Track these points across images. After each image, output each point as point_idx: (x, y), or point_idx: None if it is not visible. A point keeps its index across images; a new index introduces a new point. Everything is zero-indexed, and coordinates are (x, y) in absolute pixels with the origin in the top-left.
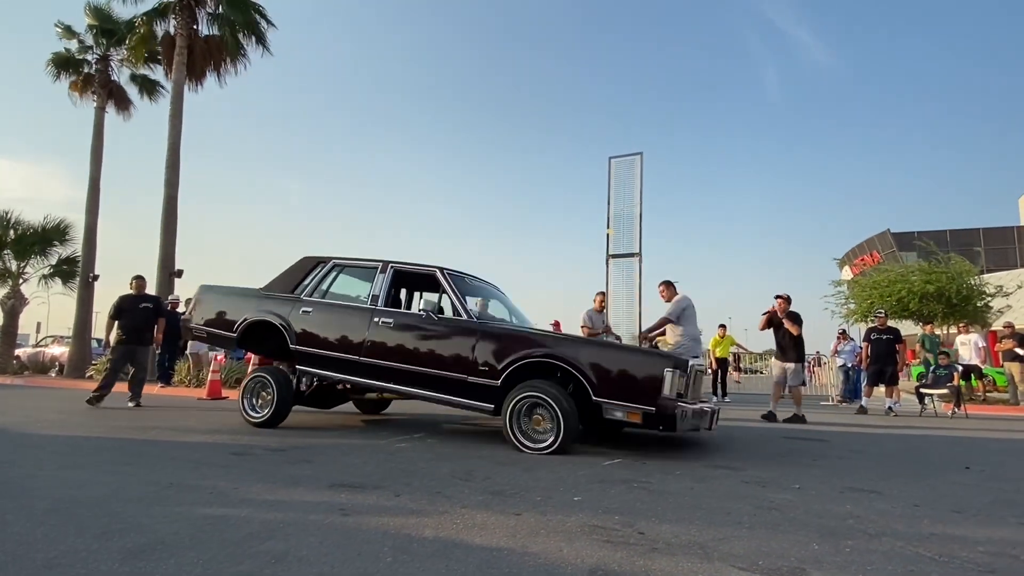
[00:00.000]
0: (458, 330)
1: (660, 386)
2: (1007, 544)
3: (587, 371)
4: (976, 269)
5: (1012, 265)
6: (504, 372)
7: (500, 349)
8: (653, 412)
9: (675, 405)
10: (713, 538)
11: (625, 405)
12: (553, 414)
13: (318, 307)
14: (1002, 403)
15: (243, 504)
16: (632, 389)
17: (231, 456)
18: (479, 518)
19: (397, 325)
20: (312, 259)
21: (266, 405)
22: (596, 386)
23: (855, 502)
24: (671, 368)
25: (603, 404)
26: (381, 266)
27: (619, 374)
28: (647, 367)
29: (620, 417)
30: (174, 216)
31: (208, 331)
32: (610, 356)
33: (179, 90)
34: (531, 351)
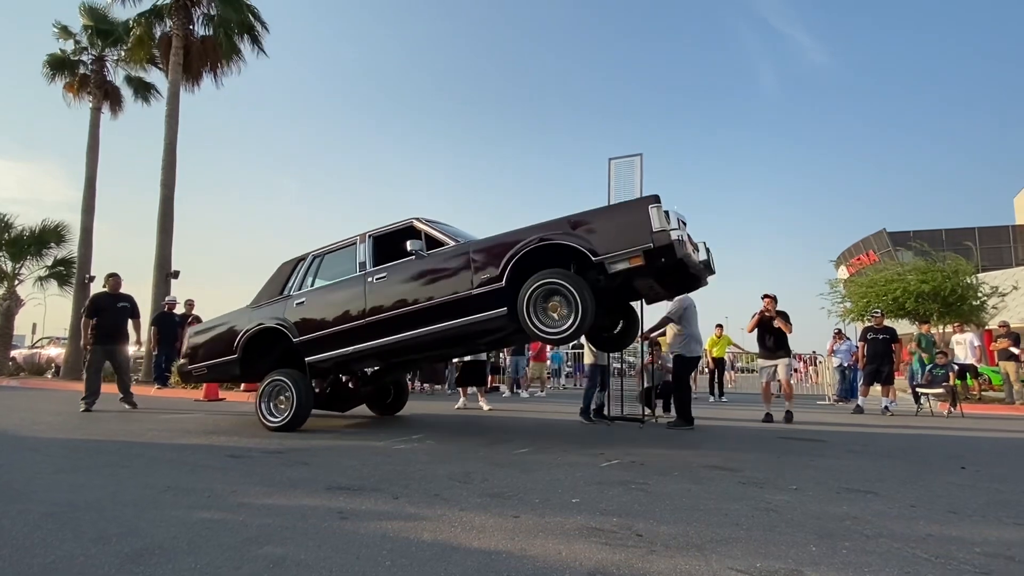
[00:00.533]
0: (450, 254)
1: (649, 223)
2: (1003, 545)
3: (582, 239)
4: (972, 268)
5: (1007, 264)
6: (506, 270)
7: (495, 253)
8: (651, 247)
9: (667, 234)
10: (711, 540)
11: (622, 252)
12: (570, 296)
13: (310, 295)
14: (998, 402)
15: (240, 508)
16: (624, 235)
17: (228, 459)
18: (477, 521)
19: (392, 275)
20: (289, 262)
21: (285, 409)
22: (593, 248)
23: (852, 503)
24: (654, 204)
25: (604, 260)
26: (359, 238)
27: (608, 228)
28: (633, 213)
29: (625, 267)
30: (170, 216)
31: (209, 365)
32: (602, 217)
33: (175, 91)
34: (524, 241)
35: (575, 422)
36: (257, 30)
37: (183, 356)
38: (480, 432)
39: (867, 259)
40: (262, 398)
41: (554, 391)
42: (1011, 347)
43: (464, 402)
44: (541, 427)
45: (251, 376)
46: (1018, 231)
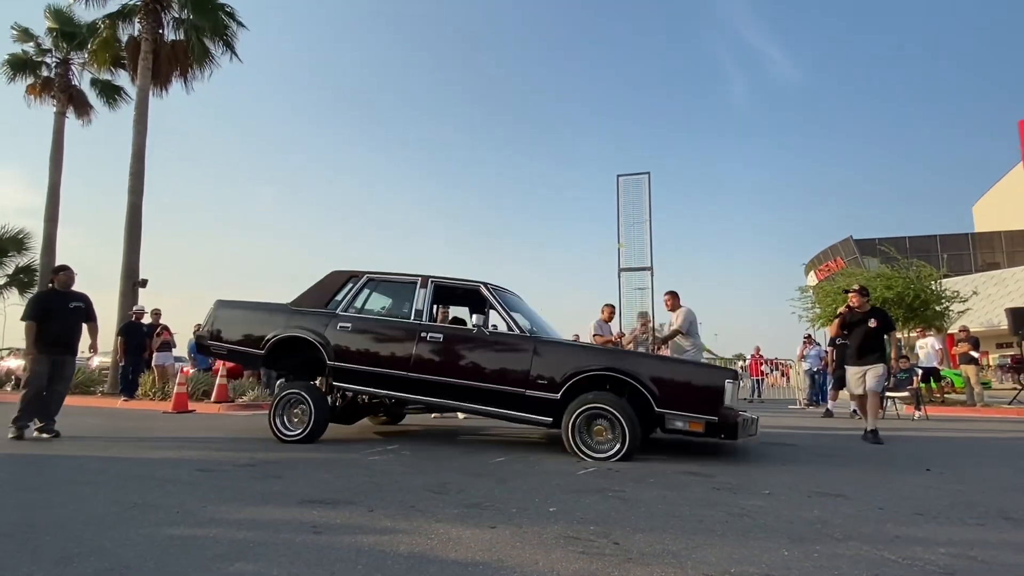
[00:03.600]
0: (513, 344)
1: (721, 396)
2: (966, 545)
3: (649, 383)
4: (939, 273)
5: (967, 271)
6: (564, 385)
7: (559, 362)
8: (716, 421)
9: (736, 414)
10: (686, 547)
11: (687, 415)
12: (616, 423)
13: (358, 322)
14: (960, 404)
15: (211, 523)
16: (693, 400)
17: (198, 473)
18: (454, 532)
19: (448, 341)
20: (343, 273)
21: (300, 423)
22: (659, 398)
23: (823, 506)
24: (731, 380)
25: (665, 415)
26: (421, 280)
27: (680, 386)
28: (708, 379)
29: (681, 427)
30: (138, 224)
31: (229, 348)
32: (671, 368)
33: (144, 96)
34: (592, 364)
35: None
36: (230, 34)
37: (204, 326)
38: (456, 441)
39: (835, 265)
40: (276, 410)
41: None
42: (971, 351)
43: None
44: (518, 435)
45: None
46: (977, 239)
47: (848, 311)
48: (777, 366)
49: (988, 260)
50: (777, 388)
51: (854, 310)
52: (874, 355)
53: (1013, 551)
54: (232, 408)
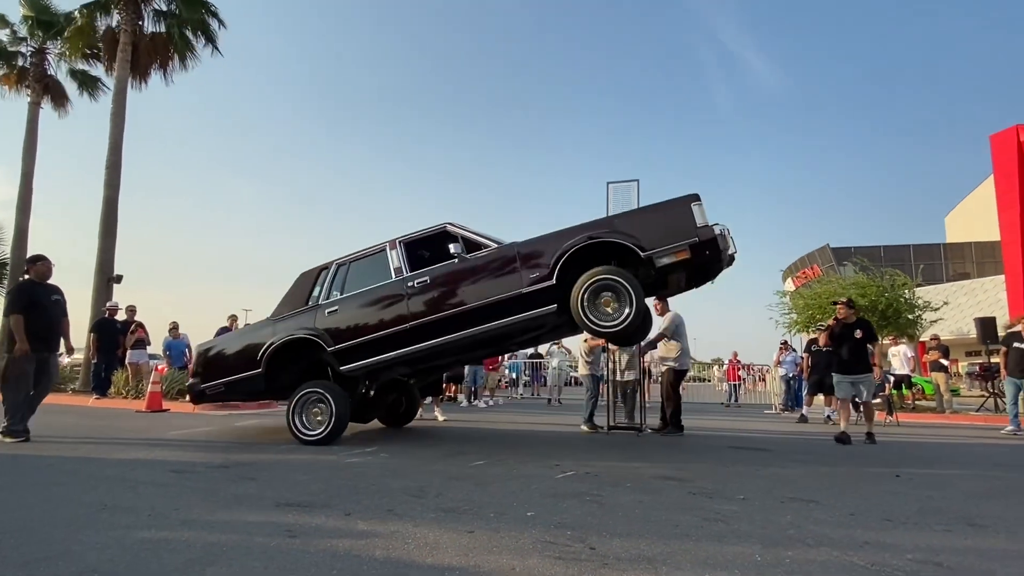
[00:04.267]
0: (496, 255)
1: (692, 219)
2: (932, 551)
3: (630, 236)
4: (913, 283)
5: (939, 280)
6: (556, 268)
7: (543, 251)
8: (697, 240)
9: (711, 228)
10: (661, 552)
11: (670, 247)
12: (622, 290)
13: (343, 302)
14: (930, 411)
15: (183, 526)
16: (670, 231)
17: (171, 474)
18: (431, 537)
19: (434, 279)
20: (311, 271)
21: (322, 421)
22: (641, 244)
23: (796, 512)
24: (696, 202)
25: (653, 256)
26: (389, 244)
27: (654, 225)
28: (676, 210)
29: (669, 261)
30: (114, 218)
31: (227, 382)
32: (646, 216)
33: (122, 87)
34: (575, 239)
35: (530, 432)
36: (213, 28)
37: (192, 375)
38: (435, 444)
39: (812, 272)
40: (295, 410)
41: (512, 401)
42: (941, 359)
43: (420, 412)
44: (497, 438)
45: (274, 391)
46: (949, 249)
47: (836, 322)
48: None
49: (959, 270)
50: (754, 393)
51: (841, 321)
52: (863, 364)
53: (977, 557)
54: (208, 408)
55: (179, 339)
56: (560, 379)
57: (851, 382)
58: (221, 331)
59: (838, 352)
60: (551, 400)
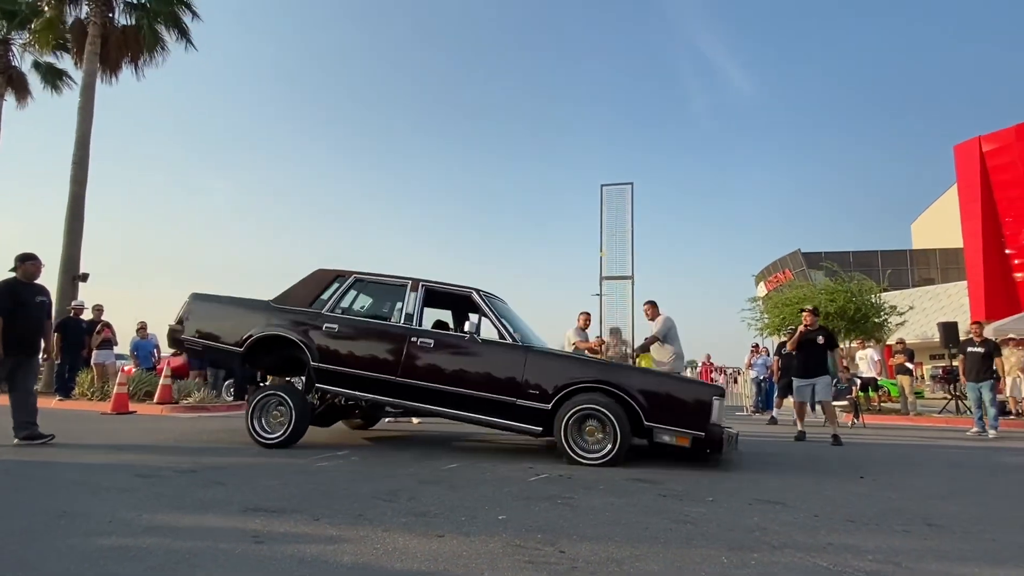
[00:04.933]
0: (505, 353)
1: (709, 412)
2: (892, 552)
3: (638, 396)
4: (879, 288)
5: (905, 285)
6: (556, 396)
7: (550, 372)
8: (703, 436)
9: (722, 430)
10: (630, 555)
11: (675, 430)
12: (608, 423)
13: (346, 324)
14: (895, 413)
15: (147, 533)
16: (681, 415)
17: (135, 478)
18: (401, 542)
19: (438, 346)
20: (329, 272)
21: (281, 424)
22: (648, 411)
23: (762, 514)
24: (718, 396)
25: (654, 428)
26: (411, 284)
27: (669, 400)
28: (695, 394)
29: (668, 440)
30: (80, 215)
31: (205, 344)
32: (660, 383)
33: (90, 81)
34: (584, 375)
35: (503, 435)
36: (186, 22)
37: (177, 320)
38: (409, 447)
39: (784, 277)
40: (253, 413)
41: None
42: (906, 362)
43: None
44: (472, 441)
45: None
46: (915, 255)
47: (805, 329)
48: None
49: (924, 276)
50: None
51: (807, 328)
52: (821, 368)
53: (934, 558)
54: (176, 410)
55: (147, 339)
56: None
57: (807, 385)
58: None
59: (799, 357)
60: None
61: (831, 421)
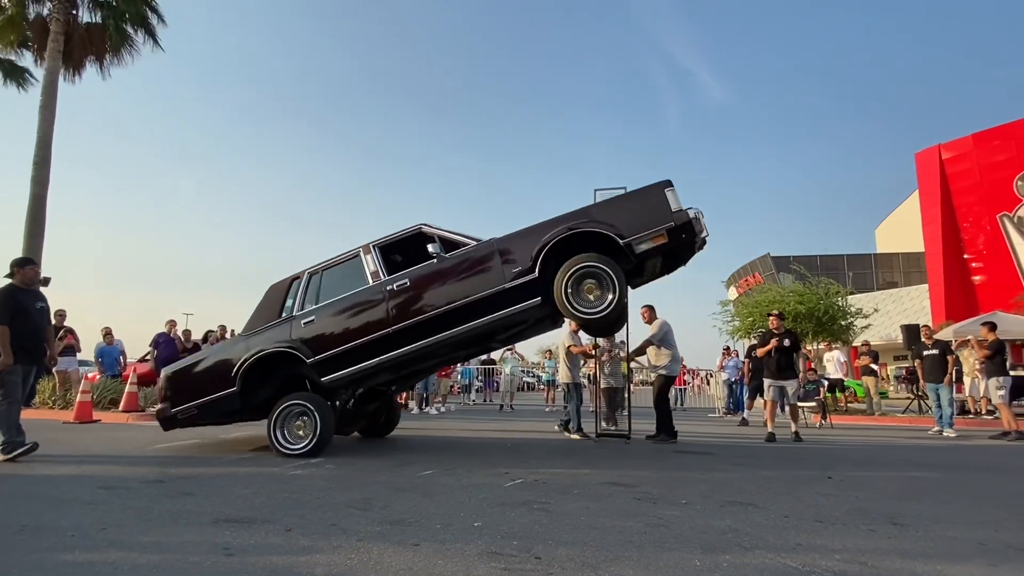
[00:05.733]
0: (474, 252)
1: (666, 201)
2: (859, 552)
3: (608, 225)
4: (845, 291)
5: (870, 288)
6: (537, 261)
7: (524, 246)
8: (673, 225)
9: (685, 212)
10: (605, 559)
11: (648, 232)
12: (604, 276)
13: (319, 311)
14: (861, 413)
15: (111, 547)
16: (647, 217)
17: (100, 491)
18: (375, 552)
19: (414, 280)
20: (282, 282)
21: (306, 434)
22: (619, 232)
23: (734, 516)
24: (669, 187)
25: (631, 242)
26: (363, 249)
27: (630, 213)
28: (651, 197)
29: (649, 247)
30: (42, 218)
31: (200, 404)
32: (623, 204)
33: (52, 80)
34: (556, 231)
35: (481, 440)
36: (152, 22)
37: (160, 400)
38: (383, 454)
39: (754, 280)
40: (276, 424)
41: (464, 407)
42: (871, 363)
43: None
44: (447, 446)
45: (251, 410)
46: (879, 259)
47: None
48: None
49: (888, 279)
50: (698, 396)
51: (773, 332)
52: (790, 370)
53: (898, 556)
54: (143, 418)
55: (112, 345)
56: (512, 385)
57: (779, 387)
58: (159, 336)
59: (768, 359)
60: (503, 406)
61: (794, 420)
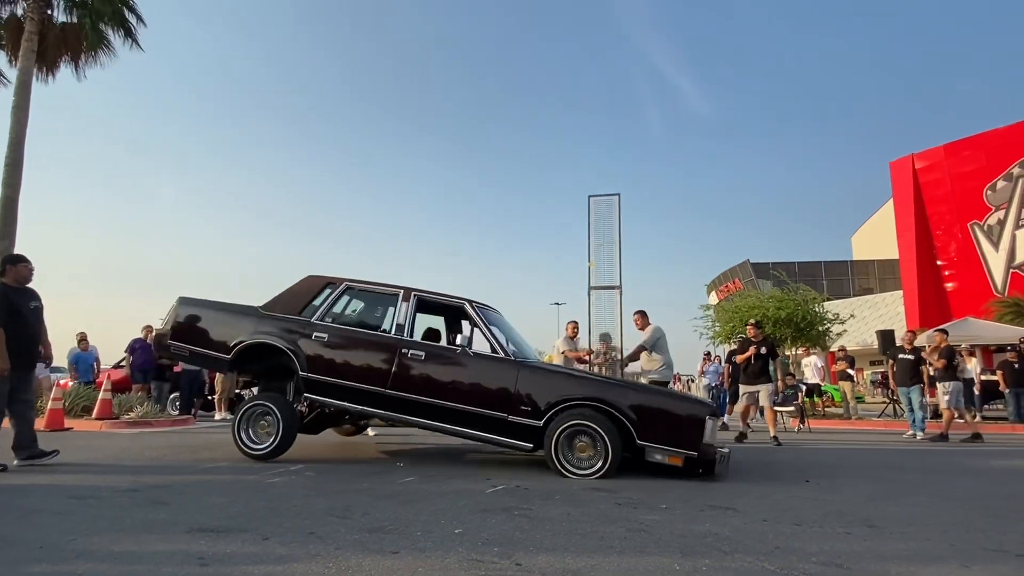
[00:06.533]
0: (497, 367)
1: (702, 432)
2: (835, 554)
3: (631, 415)
4: (823, 297)
5: (846, 295)
6: (548, 412)
7: (543, 388)
8: (695, 456)
9: (715, 451)
10: (586, 565)
11: (667, 449)
12: (598, 439)
13: (335, 334)
14: (838, 417)
15: (81, 558)
16: (675, 434)
17: (70, 500)
18: (354, 560)
19: (429, 359)
20: (320, 279)
21: (269, 434)
22: (640, 430)
23: (713, 520)
24: (711, 416)
25: (646, 447)
26: (403, 293)
27: (662, 419)
28: (690, 412)
29: (660, 460)
30: (13, 220)
31: (192, 349)
32: (654, 400)
33: (25, 79)
34: (577, 392)
35: (463, 446)
36: (131, 22)
37: (164, 324)
38: (364, 461)
39: (734, 286)
40: (241, 423)
41: None
42: (848, 369)
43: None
44: (429, 453)
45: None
46: (855, 266)
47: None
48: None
49: (864, 286)
50: None
51: (751, 339)
52: (764, 376)
53: (873, 558)
54: (116, 426)
55: (87, 351)
56: None
57: (751, 392)
58: (134, 342)
59: (746, 366)
60: None
61: (771, 425)
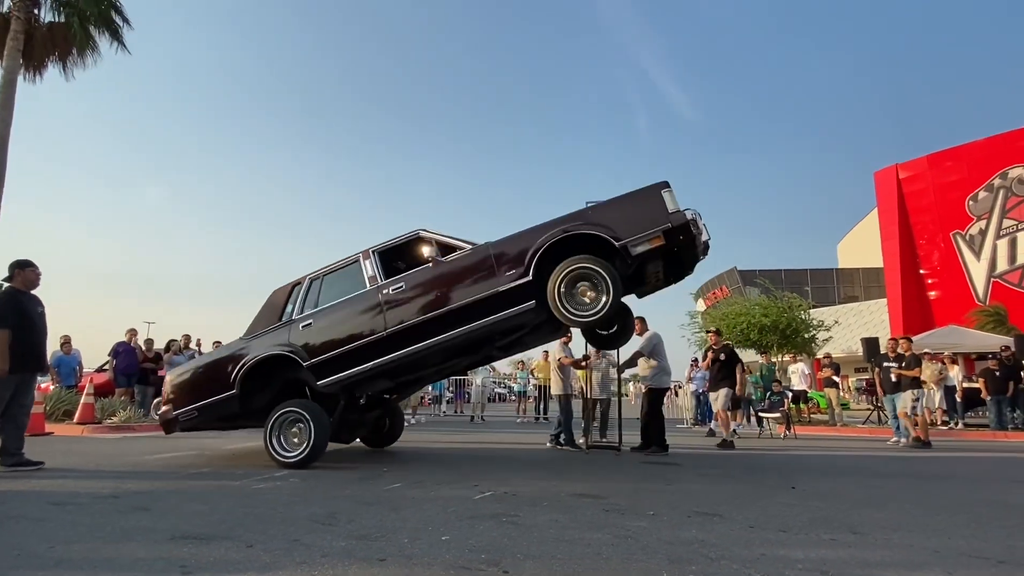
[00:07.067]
0: (470, 256)
1: (663, 205)
2: (821, 561)
3: (603, 227)
4: (808, 304)
5: (832, 302)
6: (531, 264)
7: (518, 249)
8: (671, 226)
9: (682, 213)
10: (573, 572)
11: (645, 234)
12: (598, 278)
13: (317, 315)
14: (823, 424)
15: (58, 567)
16: (643, 219)
17: (49, 507)
18: (339, 568)
19: (410, 284)
20: (282, 288)
21: (300, 442)
22: (615, 234)
23: (700, 526)
24: (666, 188)
25: (627, 244)
26: (363, 255)
27: (626, 214)
28: (647, 198)
29: (646, 248)
30: None
31: (200, 407)
32: (618, 206)
33: (11, 79)
34: (550, 234)
35: (451, 451)
36: (117, 23)
37: (164, 402)
38: (351, 466)
39: (721, 293)
40: (272, 432)
41: (435, 418)
42: (833, 375)
43: None
44: (416, 458)
45: (249, 414)
46: (841, 274)
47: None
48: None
49: (849, 293)
50: (667, 408)
51: (712, 347)
52: (725, 381)
53: (858, 565)
54: (99, 430)
55: (71, 355)
56: (483, 396)
57: (713, 396)
58: (118, 346)
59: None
60: (474, 417)
61: (723, 427)
